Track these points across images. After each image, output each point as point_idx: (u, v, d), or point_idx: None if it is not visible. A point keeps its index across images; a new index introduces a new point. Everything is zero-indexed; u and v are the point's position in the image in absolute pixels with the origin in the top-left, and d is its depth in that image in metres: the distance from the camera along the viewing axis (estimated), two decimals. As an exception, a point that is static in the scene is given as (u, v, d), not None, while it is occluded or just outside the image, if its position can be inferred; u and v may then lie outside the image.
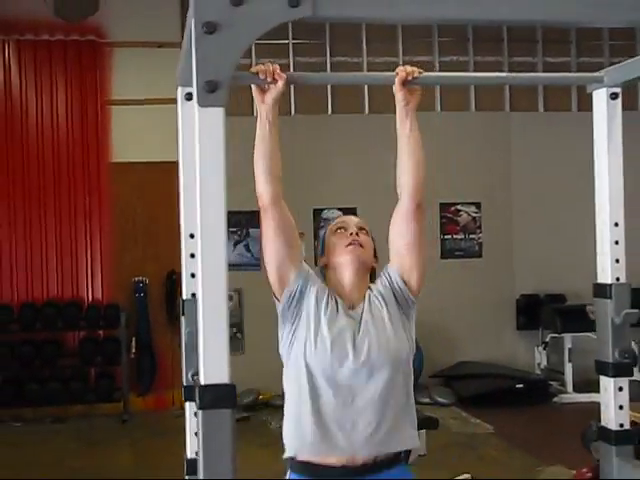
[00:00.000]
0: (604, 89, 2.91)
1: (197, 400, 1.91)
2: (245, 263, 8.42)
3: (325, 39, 8.79)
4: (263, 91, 2.56)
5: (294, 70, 8.41)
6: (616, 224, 2.92)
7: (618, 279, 2.92)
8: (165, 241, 7.52)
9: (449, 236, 9.23)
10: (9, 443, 7.37)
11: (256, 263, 8.00)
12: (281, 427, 2.66)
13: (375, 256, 2.76)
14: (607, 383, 2.94)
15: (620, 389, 2.91)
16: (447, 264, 9.13)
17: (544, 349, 8.57)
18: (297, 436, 2.57)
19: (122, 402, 7.92)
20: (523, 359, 8.95)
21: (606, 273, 2.94)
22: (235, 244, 8.35)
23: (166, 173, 7.88)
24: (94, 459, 6.62)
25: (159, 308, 8.35)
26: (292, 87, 8.64)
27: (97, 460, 6.55)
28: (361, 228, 2.75)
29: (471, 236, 9.25)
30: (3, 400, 8.00)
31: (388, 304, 2.66)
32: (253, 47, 8.47)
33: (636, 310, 2.91)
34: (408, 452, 2.65)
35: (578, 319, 7.86)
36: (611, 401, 2.92)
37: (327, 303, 2.60)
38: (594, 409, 4.32)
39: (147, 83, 8.34)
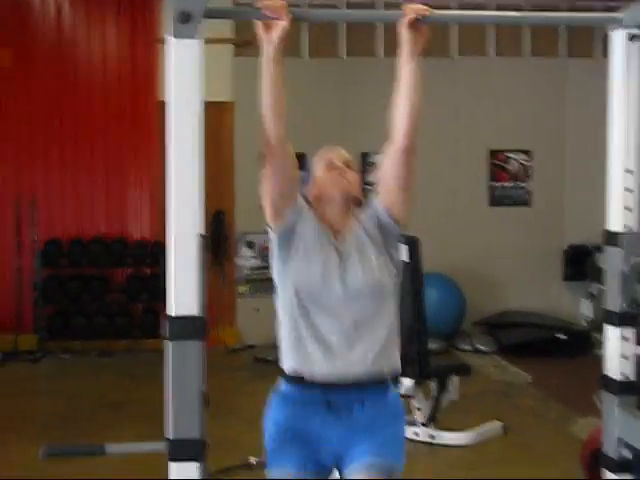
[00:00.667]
0: (622, 30, 2.82)
1: (166, 331, 1.94)
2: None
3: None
4: (269, 28, 2.53)
5: (308, 7, 8.08)
6: (628, 170, 2.85)
7: (629, 227, 2.85)
8: (213, 181, 7.54)
9: (498, 184, 9.11)
10: (57, 374, 7.63)
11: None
12: None
13: (362, 189, 2.82)
14: (613, 332, 2.89)
15: (625, 338, 2.87)
16: (495, 212, 9.06)
17: (590, 301, 8.45)
18: (291, 353, 2.67)
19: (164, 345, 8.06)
20: (568, 310, 8.85)
21: (616, 221, 2.87)
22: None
23: (217, 113, 7.97)
24: (136, 393, 6.76)
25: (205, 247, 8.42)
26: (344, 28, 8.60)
27: (139, 394, 6.68)
28: (348, 163, 2.81)
29: (521, 184, 9.12)
30: (52, 332, 8.21)
31: (373, 235, 2.73)
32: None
33: (645, 259, 2.85)
34: (396, 378, 2.79)
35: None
36: (616, 351, 2.88)
37: (316, 234, 2.70)
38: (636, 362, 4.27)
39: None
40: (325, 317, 2.64)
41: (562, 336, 8.12)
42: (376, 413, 2.68)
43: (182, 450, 1.96)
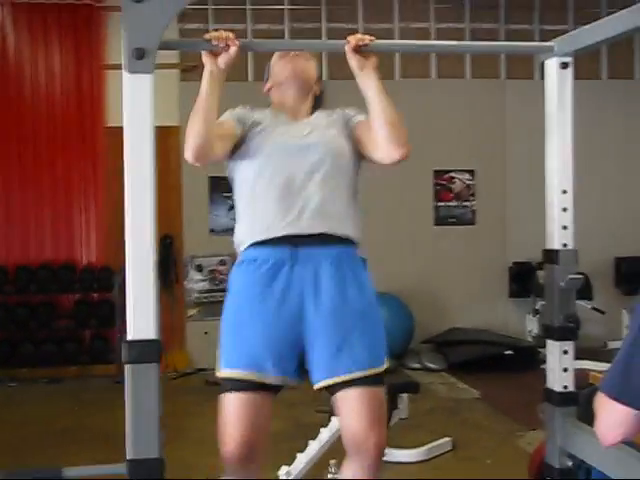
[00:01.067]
0: (555, 58, 2.97)
1: (123, 355, 2.01)
2: (239, 228, 8.49)
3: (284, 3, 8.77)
4: (215, 55, 2.63)
5: (253, 37, 8.41)
6: (564, 191, 3.01)
7: (565, 245, 3.00)
8: (161, 205, 7.57)
9: (442, 203, 9.25)
10: (4, 402, 7.51)
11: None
12: None
13: (319, 81, 2.95)
14: (553, 346, 3.03)
15: (565, 352, 3.01)
16: (440, 231, 9.18)
17: (534, 316, 8.63)
18: (248, 230, 2.74)
19: (116, 364, 8.05)
20: (515, 326, 9.00)
21: (554, 239, 3.02)
22: (229, 209, 8.38)
23: (164, 137, 7.98)
24: (87, 419, 6.73)
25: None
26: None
27: (89, 420, 6.66)
28: (303, 56, 2.92)
29: (464, 203, 9.28)
30: (-1, 360, 8.16)
31: (339, 128, 2.84)
32: (210, 13, 8.55)
33: (580, 275, 2.99)
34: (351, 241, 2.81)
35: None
36: (556, 364, 3.02)
37: (271, 117, 2.83)
38: (582, 376, 4.42)
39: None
40: (283, 176, 2.70)
41: (509, 352, 8.27)
42: (346, 292, 2.69)
43: (142, 470, 2.02)
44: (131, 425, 1.99)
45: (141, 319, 1.99)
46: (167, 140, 8.12)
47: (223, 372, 2.73)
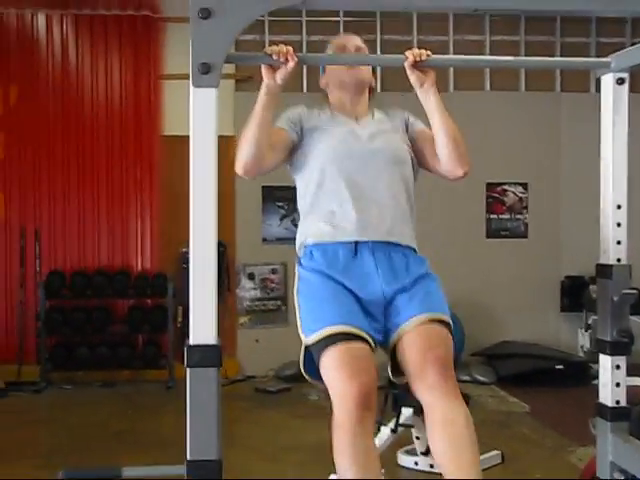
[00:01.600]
0: (611, 74, 2.98)
1: (185, 359, 2.08)
2: (291, 237, 8.55)
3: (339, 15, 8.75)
4: (273, 69, 2.69)
5: (307, 48, 8.53)
6: (619, 206, 3.01)
7: (619, 260, 3.01)
8: (215, 213, 7.71)
9: (495, 216, 9.24)
10: (59, 404, 7.67)
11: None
12: (319, 398, 2.86)
13: (373, 72, 2.99)
14: (605, 361, 3.04)
15: (617, 367, 3.01)
16: (492, 244, 9.18)
17: (586, 331, 8.56)
18: (312, 226, 2.81)
19: (168, 369, 8.16)
20: (566, 341, 8.95)
21: (608, 254, 3.03)
22: (281, 218, 8.49)
23: (220, 147, 8.04)
24: (138, 423, 6.83)
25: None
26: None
27: (141, 424, 6.76)
28: (359, 48, 2.95)
29: (517, 216, 9.26)
30: (55, 363, 8.31)
31: (400, 131, 2.91)
32: (267, 24, 8.63)
33: (634, 291, 3.00)
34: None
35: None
36: (608, 378, 3.02)
37: (332, 117, 2.86)
38: (636, 392, 4.39)
39: (200, 58, 8.51)
40: (348, 181, 2.76)
41: (560, 366, 8.21)
42: (412, 269, 2.79)
43: (201, 470, 2.08)
44: (191, 427, 2.06)
45: (203, 324, 2.05)
46: (222, 150, 8.20)
47: (319, 333, 2.63)
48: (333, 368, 2.54)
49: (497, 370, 8.44)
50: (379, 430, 5.25)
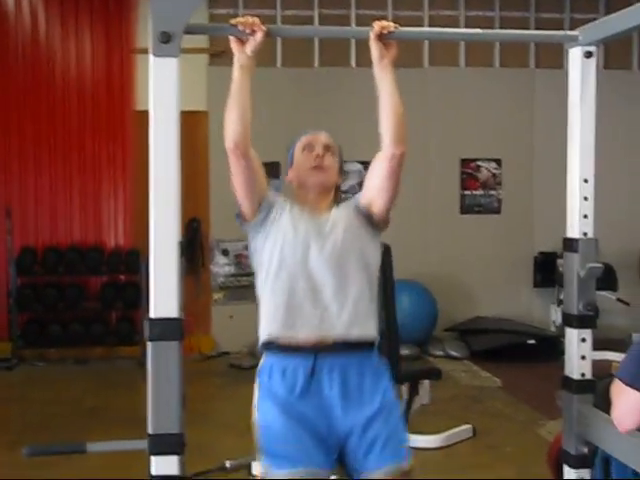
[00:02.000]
0: (579, 47, 2.97)
1: (146, 332, 2.06)
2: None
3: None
4: (242, 42, 2.65)
5: (282, 23, 8.43)
6: (585, 180, 3.01)
7: (586, 234, 3.01)
8: (188, 189, 7.62)
9: (469, 192, 9.26)
10: (32, 381, 7.66)
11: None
12: None
13: (340, 173, 2.92)
14: (571, 334, 3.05)
15: (583, 340, 3.02)
16: (466, 219, 9.21)
17: (559, 306, 8.60)
18: (272, 322, 2.73)
19: (141, 345, 8.11)
20: (538, 316, 9.00)
21: (574, 228, 3.03)
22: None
23: (192, 122, 8.05)
24: (112, 399, 6.83)
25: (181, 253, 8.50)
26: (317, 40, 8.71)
27: (114, 400, 6.76)
28: (327, 147, 2.88)
29: (491, 192, 9.28)
30: (27, 340, 8.26)
31: (354, 222, 2.81)
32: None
33: (600, 264, 3.00)
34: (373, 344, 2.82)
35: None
36: (574, 351, 3.03)
37: (294, 212, 2.79)
38: (604, 366, 4.41)
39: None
40: (306, 282, 2.71)
41: (532, 341, 8.27)
42: (371, 397, 2.72)
43: (162, 444, 2.07)
44: (153, 401, 2.04)
45: (164, 297, 2.03)
46: (195, 125, 8.18)
47: (279, 474, 2.64)
48: None
49: (470, 345, 8.50)
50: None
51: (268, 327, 2.76)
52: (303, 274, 2.72)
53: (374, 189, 2.82)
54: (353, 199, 2.87)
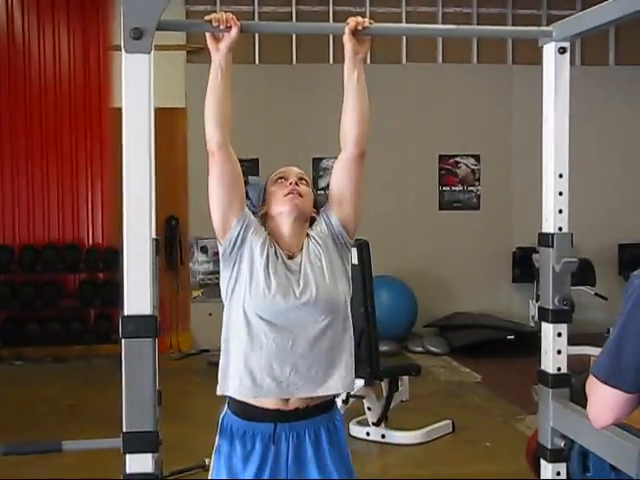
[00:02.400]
0: (553, 43, 2.99)
1: (120, 330, 2.06)
2: (244, 210, 8.53)
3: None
4: (217, 39, 2.63)
5: (259, 20, 8.39)
6: (560, 175, 3.02)
7: (561, 229, 3.02)
8: (167, 186, 7.60)
9: (447, 188, 9.28)
10: (10, 381, 7.60)
11: (254, 210, 8.11)
12: None
13: (315, 207, 2.78)
14: (547, 329, 3.07)
15: (559, 335, 3.04)
16: (445, 215, 9.23)
17: (537, 301, 8.63)
18: (236, 377, 2.58)
19: (120, 343, 8.07)
20: (517, 311, 9.06)
21: (549, 223, 3.04)
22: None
23: (169, 119, 8.04)
24: (91, 397, 6.80)
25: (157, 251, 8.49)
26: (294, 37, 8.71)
27: (93, 399, 6.73)
28: (301, 178, 2.75)
29: (469, 188, 9.30)
30: (4, 339, 8.24)
31: (327, 250, 2.68)
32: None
33: (575, 259, 3.01)
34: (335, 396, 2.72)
35: (572, 273, 7.93)
36: (550, 346, 3.05)
37: (267, 251, 2.62)
38: (583, 361, 4.43)
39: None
40: (276, 341, 2.57)
41: (511, 337, 8.30)
42: (327, 458, 2.63)
43: (136, 442, 2.07)
44: (127, 399, 2.04)
45: (137, 294, 2.03)
46: (173, 122, 8.16)
47: None
48: None
49: (450, 341, 8.52)
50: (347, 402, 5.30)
51: (231, 382, 2.61)
52: (272, 331, 2.57)
53: (348, 199, 2.71)
54: (325, 220, 2.73)
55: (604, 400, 2.00)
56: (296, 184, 2.71)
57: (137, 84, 2.02)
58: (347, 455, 2.72)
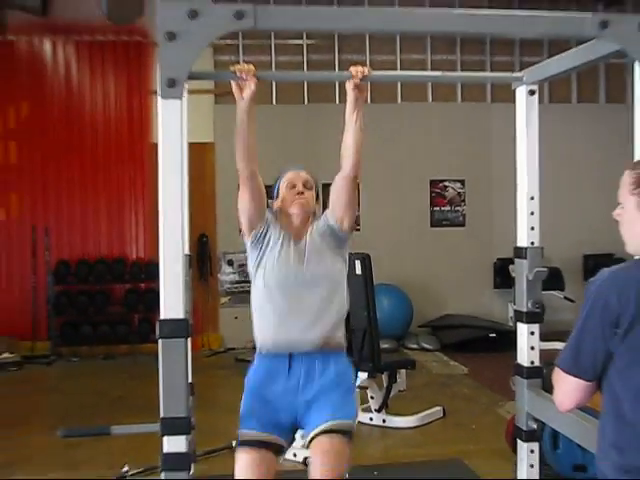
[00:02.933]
0: (524, 86, 3.00)
1: (157, 331, 2.07)
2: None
3: (302, 38, 8.79)
4: (240, 86, 2.66)
5: (276, 67, 8.54)
6: (532, 198, 3.02)
7: (533, 243, 3.02)
8: (198, 209, 7.60)
9: (437, 208, 9.27)
10: (68, 375, 7.67)
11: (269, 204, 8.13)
12: None
13: (317, 200, 3.04)
14: (522, 328, 3.06)
15: (532, 333, 3.04)
16: (435, 232, 9.21)
17: (515, 304, 8.59)
18: (261, 332, 2.87)
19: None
20: (498, 313, 9.00)
21: (523, 238, 3.05)
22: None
23: (201, 152, 8.07)
24: (136, 389, 6.80)
25: (189, 264, 8.50)
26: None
27: (136, 390, 6.73)
28: (306, 183, 2.99)
29: (456, 208, 9.29)
30: (64, 339, 8.27)
31: (326, 237, 2.93)
32: (241, 46, 8.62)
33: (545, 268, 3.02)
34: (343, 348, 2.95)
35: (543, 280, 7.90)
36: (525, 343, 3.04)
37: (282, 238, 2.90)
38: (554, 355, 4.41)
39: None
40: (288, 300, 2.82)
41: (493, 335, 8.27)
42: (327, 378, 2.83)
43: (172, 426, 2.07)
44: (164, 390, 2.05)
45: (172, 301, 2.04)
46: (203, 154, 8.21)
47: (241, 433, 2.84)
48: (238, 467, 2.75)
49: (441, 339, 8.49)
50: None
51: (259, 337, 2.89)
52: (286, 296, 2.83)
53: (341, 207, 2.91)
54: (324, 220, 2.95)
55: (567, 388, 2.00)
56: (302, 192, 2.97)
57: (171, 124, 2.04)
58: (351, 386, 2.92)
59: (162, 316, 2.04)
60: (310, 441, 2.76)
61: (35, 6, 8.12)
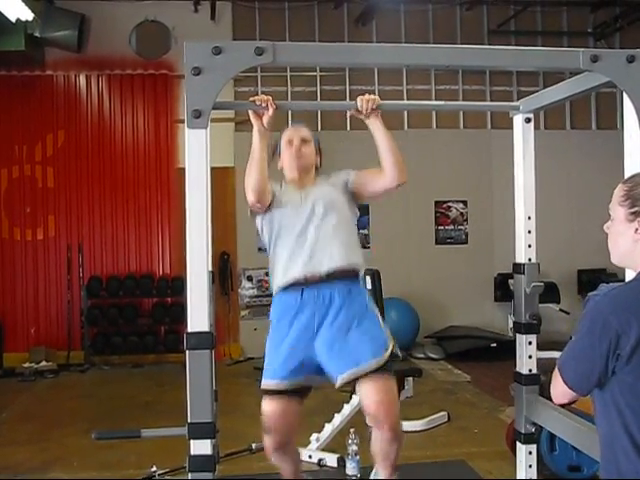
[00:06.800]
0: (520, 115, 3.02)
1: (185, 343, 2.08)
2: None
3: (316, 70, 8.83)
4: (259, 115, 2.69)
5: (292, 96, 8.58)
6: (529, 217, 3.04)
7: (530, 259, 3.03)
8: (220, 229, 7.68)
9: (442, 227, 9.26)
10: (100, 382, 7.68)
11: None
12: None
13: (317, 154, 3.03)
14: (520, 338, 3.06)
15: (530, 343, 3.04)
16: (440, 249, 9.18)
17: (514, 316, 8.55)
18: (275, 275, 2.84)
19: (185, 353, 8.09)
20: (499, 324, 8.94)
21: (521, 255, 3.05)
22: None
23: (221, 176, 8.10)
24: (163, 395, 6.81)
25: (213, 280, 8.51)
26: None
27: (164, 397, 6.74)
28: (304, 140, 2.98)
29: (459, 227, 9.27)
30: (96, 349, 8.29)
31: (337, 187, 2.91)
32: (259, 78, 8.67)
33: (541, 283, 3.02)
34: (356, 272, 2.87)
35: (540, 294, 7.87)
36: (523, 352, 3.05)
37: (286, 191, 2.91)
38: (550, 363, 4.39)
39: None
40: (295, 237, 2.79)
41: (494, 345, 8.23)
42: (348, 311, 2.76)
43: (198, 430, 2.09)
44: (191, 396, 2.06)
45: (198, 315, 2.06)
46: (225, 178, 8.25)
47: (264, 383, 2.85)
48: (264, 415, 2.78)
49: (445, 348, 8.45)
50: (351, 397, 5.26)
51: (273, 282, 2.84)
52: (296, 233, 2.78)
53: (368, 189, 2.89)
54: (344, 176, 2.93)
55: (562, 390, 1.99)
56: (299, 148, 2.94)
57: (197, 152, 2.07)
58: (372, 315, 2.90)
59: (189, 329, 2.06)
60: (351, 383, 2.70)
61: (71, 44, 8.24)
